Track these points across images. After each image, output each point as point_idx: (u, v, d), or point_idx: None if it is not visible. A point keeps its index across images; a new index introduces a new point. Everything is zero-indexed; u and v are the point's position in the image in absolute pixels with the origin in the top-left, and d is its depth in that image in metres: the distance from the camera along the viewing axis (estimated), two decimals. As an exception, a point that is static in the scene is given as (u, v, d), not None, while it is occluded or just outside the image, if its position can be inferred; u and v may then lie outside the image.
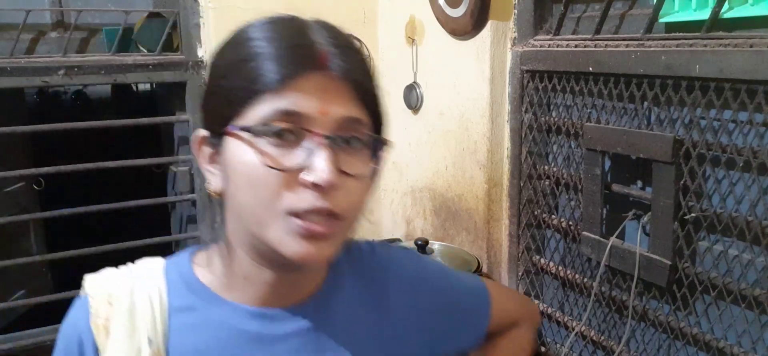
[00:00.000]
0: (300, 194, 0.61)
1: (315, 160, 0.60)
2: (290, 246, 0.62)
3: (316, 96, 0.61)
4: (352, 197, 0.64)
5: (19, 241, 2.16)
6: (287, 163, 0.61)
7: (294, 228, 0.61)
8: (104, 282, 0.71)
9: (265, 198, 0.61)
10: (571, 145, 1.46)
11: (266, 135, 0.61)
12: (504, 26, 1.57)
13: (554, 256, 1.55)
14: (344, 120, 0.63)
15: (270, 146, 0.61)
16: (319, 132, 0.61)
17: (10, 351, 1.87)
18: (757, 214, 1.06)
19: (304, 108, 0.61)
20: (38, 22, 1.96)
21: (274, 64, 0.61)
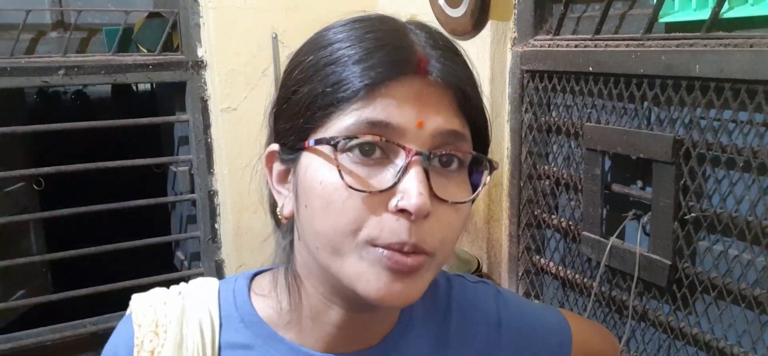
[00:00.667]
0: (385, 222, 0.50)
1: (407, 181, 0.50)
2: (369, 283, 0.51)
3: (411, 105, 0.51)
4: (446, 229, 0.53)
5: (19, 241, 2.16)
6: (374, 184, 0.50)
7: (376, 260, 0.51)
8: (152, 307, 0.61)
9: (344, 225, 0.51)
10: (571, 145, 1.46)
11: (350, 150, 0.51)
12: (504, 26, 1.57)
13: (554, 256, 1.55)
14: (443, 134, 0.52)
15: (354, 164, 0.51)
16: (413, 148, 0.50)
17: (10, 351, 1.87)
18: (757, 214, 1.06)
19: (396, 118, 0.50)
20: (38, 22, 1.96)
21: (362, 68, 0.51)
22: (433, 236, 0.51)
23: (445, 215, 0.52)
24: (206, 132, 2.01)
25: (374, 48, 0.52)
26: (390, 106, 0.50)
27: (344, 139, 0.50)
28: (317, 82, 0.52)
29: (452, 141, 0.53)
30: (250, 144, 2.03)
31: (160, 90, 2.60)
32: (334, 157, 0.51)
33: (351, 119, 0.50)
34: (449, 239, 0.53)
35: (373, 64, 0.51)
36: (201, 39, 1.96)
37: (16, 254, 1.95)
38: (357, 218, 0.50)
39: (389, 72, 0.51)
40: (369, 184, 0.50)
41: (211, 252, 2.09)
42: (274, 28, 1.97)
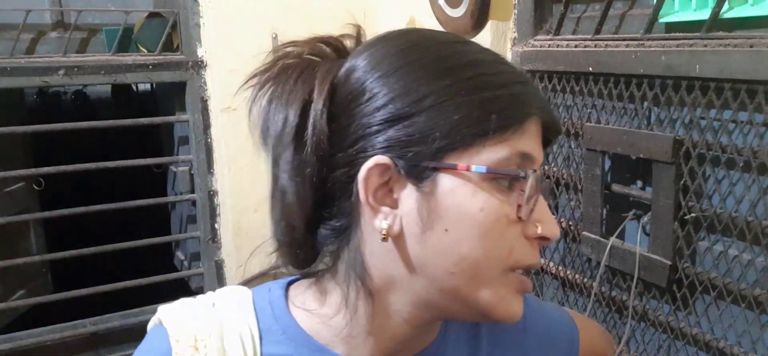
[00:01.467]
0: (526, 248, 0.54)
1: (543, 211, 0.54)
2: (509, 306, 0.54)
3: (538, 141, 0.55)
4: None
5: (19, 241, 2.16)
6: (523, 214, 0.53)
7: (513, 285, 0.54)
8: (188, 320, 0.58)
9: (500, 252, 0.52)
10: (571, 145, 1.46)
11: (498, 178, 0.52)
12: (504, 26, 1.57)
13: (554, 256, 1.55)
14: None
15: (502, 192, 0.52)
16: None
17: (10, 351, 1.87)
18: (757, 214, 1.06)
19: (537, 153, 0.54)
20: (38, 22, 1.96)
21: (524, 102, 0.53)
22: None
23: None
24: (206, 132, 2.01)
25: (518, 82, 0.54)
26: (531, 140, 0.53)
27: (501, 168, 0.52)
28: (465, 106, 0.51)
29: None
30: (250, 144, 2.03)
31: (160, 90, 2.60)
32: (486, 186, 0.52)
33: (505, 151, 0.52)
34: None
35: (529, 102, 0.53)
36: (201, 39, 1.96)
37: (16, 255, 1.95)
38: (512, 245, 0.53)
39: (530, 109, 0.53)
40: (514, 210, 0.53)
41: (211, 252, 2.09)
42: (274, 28, 1.97)
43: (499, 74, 0.53)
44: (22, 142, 2.30)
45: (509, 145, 0.52)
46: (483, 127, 0.51)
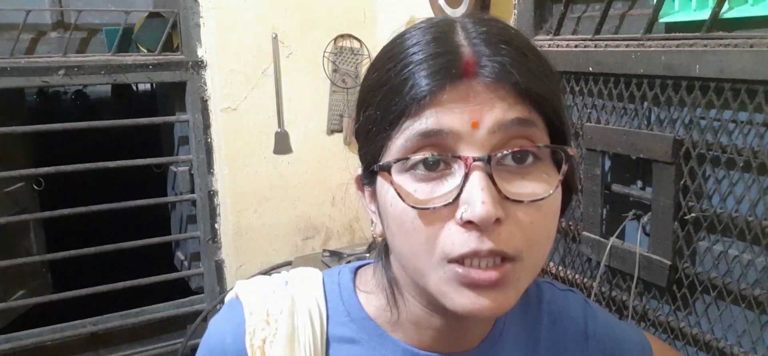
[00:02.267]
0: (457, 235, 0.49)
1: (467, 190, 0.48)
2: (454, 299, 0.50)
3: (462, 106, 0.48)
4: (529, 230, 0.50)
5: (19, 241, 2.16)
6: (438, 198, 0.49)
7: (455, 277, 0.50)
8: (262, 295, 0.61)
9: (418, 244, 0.50)
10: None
11: (414, 168, 0.50)
12: (504, 26, 1.57)
13: (554, 256, 1.55)
14: (504, 127, 0.49)
15: (419, 181, 0.50)
16: (470, 155, 0.48)
17: (10, 351, 1.87)
18: (757, 214, 1.06)
19: (449, 124, 0.48)
20: (38, 22, 1.96)
21: (411, 82, 0.49)
22: (514, 240, 0.49)
23: (525, 215, 0.49)
24: (206, 132, 2.01)
25: (420, 61, 0.50)
26: (439, 113, 0.49)
27: (397, 161, 0.50)
28: (375, 107, 0.52)
29: (521, 132, 0.50)
30: (250, 144, 2.03)
31: (160, 90, 2.60)
32: (395, 179, 0.51)
33: (404, 137, 0.50)
34: (537, 239, 0.51)
35: (418, 78, 0.49)
36: (201, 39, 1.96)
37: (16, 254, 1.95)
38: (429, 236, 0.50)
39: (435, 81, 0.49)
40: (433, 199, 0.49)
41: (211, 252, 2.09)
42: (274, 28, 1.97)
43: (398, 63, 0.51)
44: (22, 142, 2.30)
45: (407, 132, 0.50)
46: (385, 123, 0.51)
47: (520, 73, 0.49)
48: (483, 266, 0.49)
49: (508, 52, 0.50)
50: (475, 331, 0.61)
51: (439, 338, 0.59)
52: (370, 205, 0.57)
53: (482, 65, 0.49)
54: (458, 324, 0.59)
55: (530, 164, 0.51)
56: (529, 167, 0.50)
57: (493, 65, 0.49)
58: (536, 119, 0.50)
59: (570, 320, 0.68)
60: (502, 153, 0.49)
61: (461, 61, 0.49)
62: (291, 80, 2.04)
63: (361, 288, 0.62)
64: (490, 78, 0.49)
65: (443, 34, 0.51)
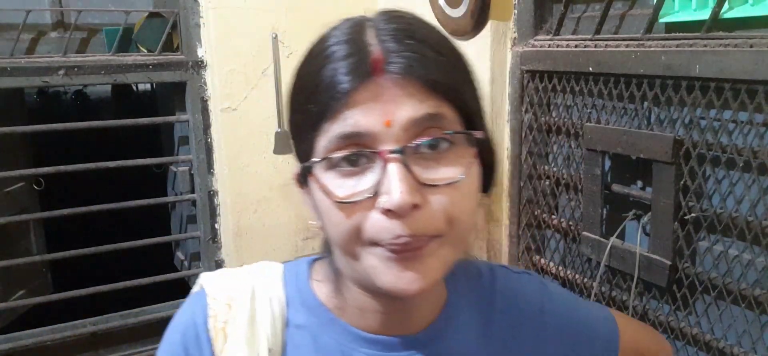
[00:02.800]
0: (380, 223, 0.53)
1: (385, 182, 0.52)
2: (384, 275, 0.54)
3: (376, 106, 0.52)
4: (451, 208, 0.54)
5: (19, 241, 2.16)
6: (360, 191, 0.53)
7: (381, 257, 0.54)
8: (224, 282, 0.66)
9: (346, 234, 0.55)
10: (571, 145, 1.46)
11: (337, 165, 0.54)
12: (504, 26, 1.57)
13: (554, 256, 1.55)
14: (415, 122, 0.53)
15: (342, 177, 0.54)
16: (385, 149, 0.52)
17: (10, 351, 1.87)
18: (757, 214, 1.06)
19: (364, 125, 0.52)
20: (38, 22, 1.96)
21: (327, 86, 0.53)
22: (434, 221, 0.53)
23: (442, 197, 0.54)
24: (206, 132, 2.01)
25: (335, 64, 0.53)
26: (356, 115, 0.52)
27: (325, 158, 0.54)
28: (299, 112, 0.57)
29: (432, 123, 0.54)
30: (250, 144, 2.03)
31: (160, 90, 2.60)
32: (321, 177, 0.55)
33: (326, 139, 0.54)
34: (457, 217, 0.54)
35: (333, 82, 0.53)
36: (201, 39, 1.96)
37: (16, 255, 1.95)
38: (355, 225, 0.54)
39: (348, 83, 0.52)
40: (356, 193, 0.53)
41: (211, 252, 2.09)
42: (274, 28, 1.97)
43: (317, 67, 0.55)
44: (22, 142, 2.30)
45: (328, 134, 0.54)
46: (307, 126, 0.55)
47: (426, 67, 0.53)
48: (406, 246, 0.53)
49: (415, 47, 0.54)
50: (419, 313, 0.64)
51: (384, 321, 0.62)
52: (308, 200, 0.61)
53: (390, 62, 0.52)
54: (399, 306, 0.62)
55: (445, 150, 0.55)
56: (444, 152, 0.55)
57: (401, 61, 0.53)
58: (446, 109, 0.54)
59: (525, 301, 0.71)
60: (416, 143, 0.53)
61: (370, 59, 0.53)
62: (291, 80, 2.05)
63: (315, 277, 0.67)
64: (398, 74, 0.52)
65: (354, 35, 0.55)
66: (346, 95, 0.52)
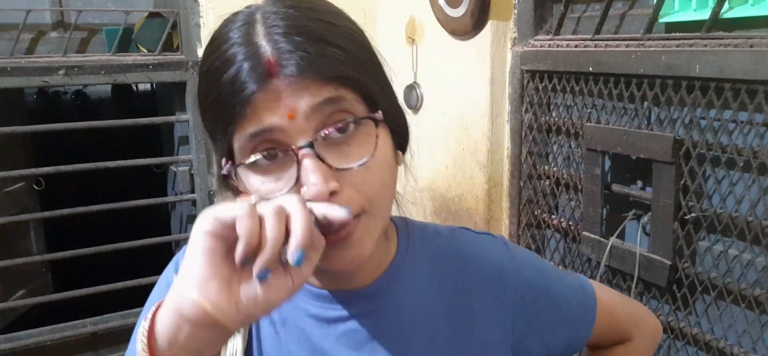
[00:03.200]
0: None
1: (303, 175, 0.54)
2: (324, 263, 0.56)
3: (277, 103, 0.54)
4: (365, 186, 0.57)
5: (19, 241, 2.16)
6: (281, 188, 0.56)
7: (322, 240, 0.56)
8: None
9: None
10: (571, 145, 1.46)
11: (255, 164, 0.56)
12: (504, 26, 1.57)
13: (554, 256, 1.55)
14: (317, 110, 0.55)
15: (263, 174, 0.57)
16: (295, 144, 0.55)
17: (10, 351, 1.87)
18: (757, 214, 1.06)
19: (269, 122, 0.54)
20: (38, 22, 1.96)
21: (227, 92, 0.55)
22: (353, 202, 0.56)
23: (357, 177, 0.57)
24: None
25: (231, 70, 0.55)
26: (259, 113, 0.54)
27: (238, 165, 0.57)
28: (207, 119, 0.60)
29: (334, 108, 0.56)
30: (250, 144, 2.03)
31: (160, 90, 2.60)
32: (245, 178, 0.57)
33: (238, 142, 0.56)
34: (375, 192, 0.58)
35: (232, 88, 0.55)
36: (201, 39, 1.96)
37: (16, 254, 1.95)
38: None
39: (250, 84, 0.54)
40: (278, 188, 0.56)
41: (211, 252, 2.09)
42: (274, 28, 1.97)
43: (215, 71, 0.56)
44: (22, 142, 2.30)
45: (241, 136, 0.56)
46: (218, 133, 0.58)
47: (318, 64, 0.55)
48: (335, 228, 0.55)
49: (306, 44, 0.55)
50: (364, 272, 0.67)
51: (336, 279, 0.66)
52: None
53: (283, 64, 0.54)
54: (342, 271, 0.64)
55: (354, 131, 0.57)
56: (353, 133, 0.57)
57: (294, 61, 0.54)
58: (345, 92, 0.56)
59: (484, 261, 0.72)
60: (324, 133, 0.55)
61: (263, 63, 0.54)
62: (291, 80, 2.05)
63: None
64: (293, 74, 0.54)
65: (248, 36, 0.56)
66: (249, 97, 0.54)
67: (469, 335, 0.69)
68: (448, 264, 0.71)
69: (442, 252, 0.72)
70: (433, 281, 0.70)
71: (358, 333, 0.66)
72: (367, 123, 0.58)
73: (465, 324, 0.70)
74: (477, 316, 0.70)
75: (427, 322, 0.68)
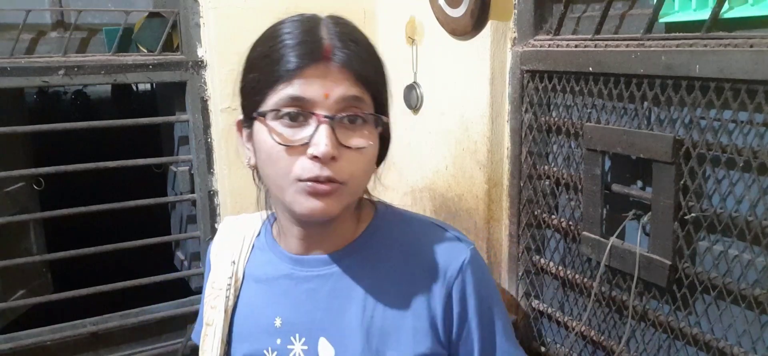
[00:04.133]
0: (306, 164, 0.73)
1: (317, 136, 0.72)
2: (300, 205, 0.75)
3: (320, 82, 0.73)
4: (353, 166, 0.75)
5: (19, 241, 2.16)
6: (295, 140, 0.73)
7: (302, 190, 0.74)
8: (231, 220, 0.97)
9: (280, 169, 0.75)
10: (571, 145, 1.46)
11: (281, 118, 0.74)
12: (504, 26, 1.57)
13: (554, 256, 1.55)
14: (344, 99, 0.74)
15: (284, 127, 0.74)
16: (321, 113, 0.73)
17: (10, 351, 1.87)
18: (757, 214, 1.06)
19: (309, 93, 0.73)
20: (38, 22, 1.96)
21: (287, 59, 0.73)
22: (343, 171, 0.74)
23: (351, 156, 0.75)
24: (206, 132, 2.01)
25: (294, 44, 0.74)
26: (304, 84, 0.73)
27: (271, 111, 0.74)
28: (258, 71, 0.77)
29: (354, 104, 0.75)
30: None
31: (160, 90, 2.60)
32: (270, 124, 0.75)
33: (278, 97, 0.74)
34: (356, 173, 0.76)
35: (292, 57, 0.73)
36: (201, 39, 1.96)
37: (16, 254, 1.95)
38: (287, 163, 0.74)
39: (303, 60, 0.73)
40: (293, 140, 0.74)
41: (211, 252, 2.09)
42: (274, 28, 1.97)
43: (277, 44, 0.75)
44: (22, 142, 2.29)
45: (280, 93, 0.73)
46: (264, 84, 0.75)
47: (358, 63, 0.75)
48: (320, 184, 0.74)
49: (353, 47, 0.75)
50: (330, 241, 0.85)
51: (301, 243, 0.85)
52: (246, 143, 0.82)
53: (335, 54, 0.74)
54: (310, 231, 0.83)
55: (359, 125, 0.76)
56: (358, 126, 0.76)
57: (342, 55, 0.74)
58: (366, 95, 0.76)
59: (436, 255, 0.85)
60: (341, 116, 0.74)
61: (323, 48, 0.74)
62: (291, 80, 2.04)
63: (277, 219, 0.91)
64: (339, 63, 0.74)
65: (312, 28, 0.76)
66: (300, 68, 0.73)
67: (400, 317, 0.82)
68: (403, 250, 0.85)
69: (403, 239, 0.86)
70: (386, 261, 0.85)
71: (317, 292, 0.84)
72: (370, 124, 0.77)
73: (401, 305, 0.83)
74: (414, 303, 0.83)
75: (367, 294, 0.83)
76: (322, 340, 0.84)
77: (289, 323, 0.85)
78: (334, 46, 0.74)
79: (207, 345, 0.90)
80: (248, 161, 0.83)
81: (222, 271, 0.92)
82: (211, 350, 0.89)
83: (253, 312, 0.89)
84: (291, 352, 0.85)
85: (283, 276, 0.86)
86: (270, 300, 0.87)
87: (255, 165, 0.81)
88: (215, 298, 0.91)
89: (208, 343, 0.90)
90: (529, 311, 1.62)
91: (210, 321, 0.90)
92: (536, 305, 1.60)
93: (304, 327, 0.84)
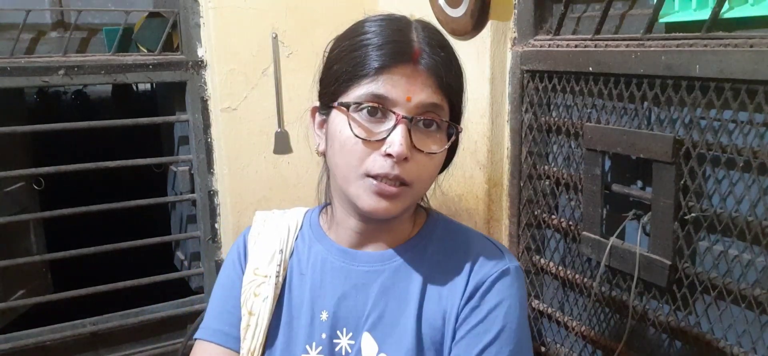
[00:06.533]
0: (378, 161, 0.76)
1: (393, 135, 0.75)
2: (363, 201, 0.78)
3: (404, 84, 0.75)
4: (421, 169, 0.78)
5: (19, 241, 2.16)
6: (373, 135, 0.76)
7: (369, 187, 0.77)
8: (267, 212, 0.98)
9: (351, 161, 0.77)
10: (571, 145, 1.46)
11: (361, 111, 0.76)
12: (504, 26, 1.57)
13: (554, 256, 1.55)
14: (425, 105, 0.76)
15: (362, 120, 0.77)
16: (400, 113, 0.75)
17: (10, 351, 1.87)
18: (757, 214, 1.06)
19: (392, 93, 0.75)
20: (38, 22, 1.96)
21: (374, 55, 0.75)
22: (411, 173, 0.77)
23: (421, 160, 0.78)
24: (206, 132, 2.01)
25: (384, 42, 0.76)
26: (388, 83, 0.75)
27: (354, 103, 0.77)
28: (345, 63, 0.78)
29: (433, 110, 0.77)
30: (250, 144, 2.03)
31: (160, 90, 2.60)
32: (350, 115, 0.77)
33: (363, 91, 0.76)
34: (423, 177, 0.79)
35: (380, 54, 0.75)
36: (201, 39, 1.96)
37: (16, 254, 1.95)
38: (360, 156, 0.76)
39: (391, 60, 0.75)
40: (370, 134, 0.76)
41: (211, 252, 2.09)
42: (274, 28, 1.97)
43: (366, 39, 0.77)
44: (22, 142, 2.29)
45: (364, 87, 0.76)
46: (350, 76, 0.77)
47: (444, 70, 0.78)
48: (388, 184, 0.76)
49: (440, 54, 0.78)
50: (384, 237, 0.87)
51: (354, 236, 0.87)
52: (319, 129, 0.85)
53: (422, 58, 0.76)
54: (366, 226, 0.85)
55: (434, 130, 0.79)
56: (432, 131, 0.79)
57: (429, 61, 0.77)
58: (444, 103, 0.79)
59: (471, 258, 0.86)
60: (419, 119, 0.77)
61: (412, 50, 0.76)
62: (291, 80, 2.04)
63: (323, 211, 0.95)
64: (425, 68, 0.76)
65: (402, 29, 0.78)
66: (387, 67, 0.75)
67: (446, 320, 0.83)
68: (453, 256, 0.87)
69: (453, 245, 0.88)
70: (436, 264, 0.86)
71: (368, 287, 0.85)
72: (443, 131, 0.80)
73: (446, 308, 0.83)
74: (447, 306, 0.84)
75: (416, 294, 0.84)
76: (366, 335, 0.84)
77: (336, 317, 0.85)
78: (422, 50, 0.76)
79: (249, 335, 0.88)
80: (318, 147, 0.85)
81: (266, 259, 0.90)
82: (253, 338, 0.88)
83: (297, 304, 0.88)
84: (338, 346, 0.85)
85: (333, 269, 0.87)
86: (316, 293, 0.87)
87: (324, 152, 0.84)
88: (259, 286, 0.89)
89: (250, 332, 0.88)
90: (529, 311, 1.62)
91: (253, 311, 0.89)
92: (536, 305, 1.60)
93: (351, 322, 0.85)
